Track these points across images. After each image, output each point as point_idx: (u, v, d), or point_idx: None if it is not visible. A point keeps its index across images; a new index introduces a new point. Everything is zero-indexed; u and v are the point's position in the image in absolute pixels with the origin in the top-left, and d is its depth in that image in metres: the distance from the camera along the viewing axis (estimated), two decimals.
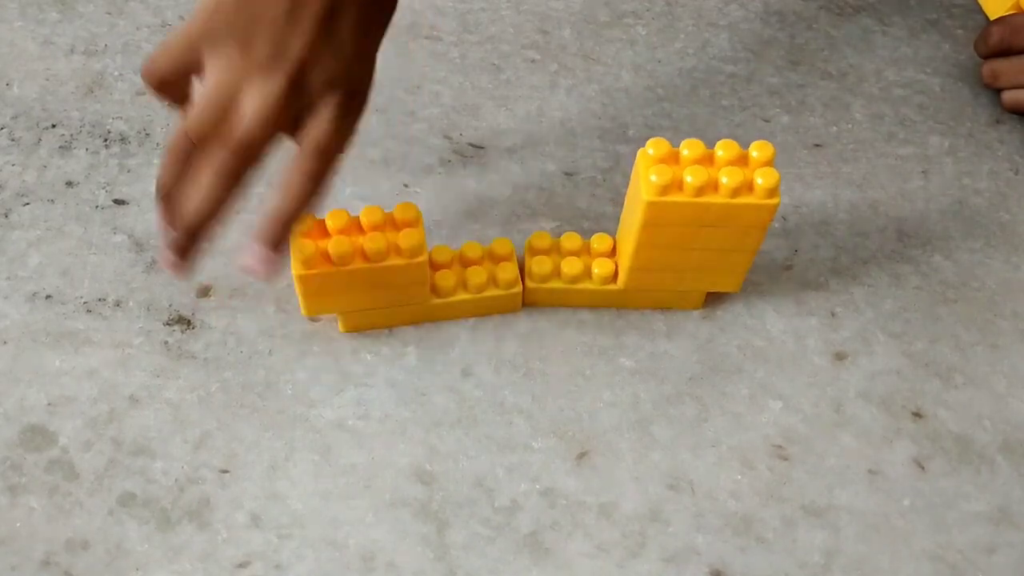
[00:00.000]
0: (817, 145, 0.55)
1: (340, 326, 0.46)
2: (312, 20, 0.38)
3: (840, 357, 0.46)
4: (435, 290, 0.45)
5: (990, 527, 0.41)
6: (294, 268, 0.41)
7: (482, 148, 0.54)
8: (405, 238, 0.41)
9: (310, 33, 0.38)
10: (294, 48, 0.38)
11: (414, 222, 0.42)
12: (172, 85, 0.39)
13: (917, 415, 0.44)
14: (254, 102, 0.37)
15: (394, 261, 0.41)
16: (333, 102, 0.39)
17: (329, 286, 0.42)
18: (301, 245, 0.41)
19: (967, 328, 0.47)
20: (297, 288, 0.42)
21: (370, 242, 0.41)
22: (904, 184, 0.54)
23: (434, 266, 0.46)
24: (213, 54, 0.38)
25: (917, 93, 0.58)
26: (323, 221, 0.41)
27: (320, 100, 0.38)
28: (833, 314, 0.48)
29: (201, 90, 0.38)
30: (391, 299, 0.44)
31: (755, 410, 0.44)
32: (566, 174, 0.53)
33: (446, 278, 0.45)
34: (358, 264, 0.41)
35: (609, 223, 0.51)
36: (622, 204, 0.51)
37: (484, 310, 0.47)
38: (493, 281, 0.45)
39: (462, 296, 0.45)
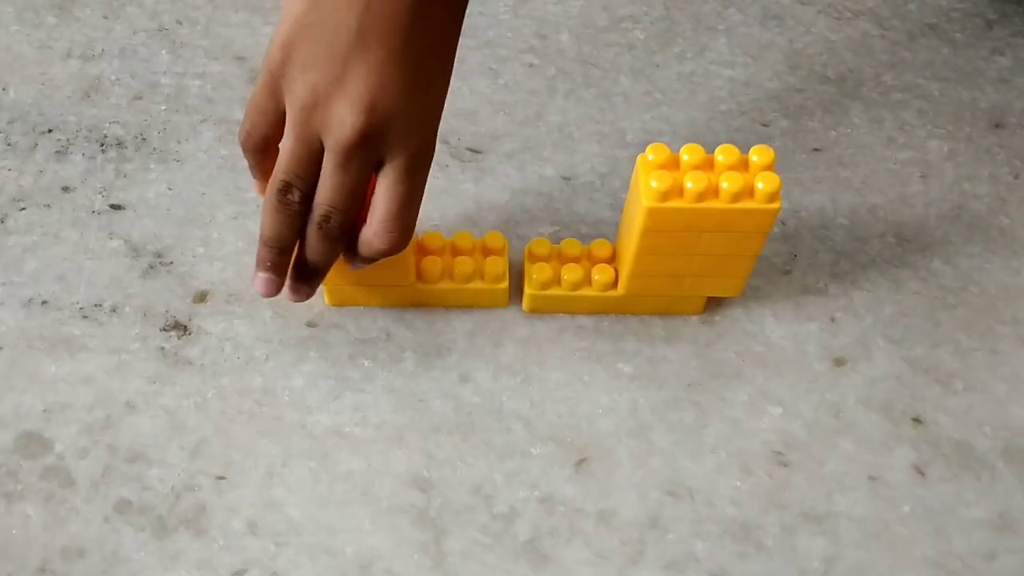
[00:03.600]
0: (816, 149, 0.55)
1: (325, 298, 0.46)
2: (380, 51, 0.36)
3: (840, 363, 0.46)
4: (420, 275, 0.45)
5: (990, 533, 0.41)
6: None
7: (480, 152, 0.54)
8: None
9: (377, 65, 0.36)
10: (362, 84, 0.36)
11: None
12: (270, 143, 0.39)
13: (917, 421, 0.44)
14: (332, 174, 0.38)
15: None
16: (402, 151, 0.38)
17: None
18: None
19: (967, 333, 0.47)
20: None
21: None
22: (903, 189, 0.53)
23: (424, 251, 0.46)
24: (289, 92, 0.37)
25: (916, 98, 0.58)
26: None
27: (391, 147, 0.38)
28: (832, 319, 0.48)
29: (285, 138, 0.38)
30: (375, 275, 0.44)
31: (754, 416, 0.44)
32: (564, 179, 0.53)
33: (433, 264, 0.45)
34: None
35: (607, 228, 0.50)
36: (620, 209, 0.51)
37: (469, 302, 0.46)
38: (480, 274, 0.45)
39: (447, 284, 0.45)
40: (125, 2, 0.61)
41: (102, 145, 0.53)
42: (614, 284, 0.45)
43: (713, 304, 0.47)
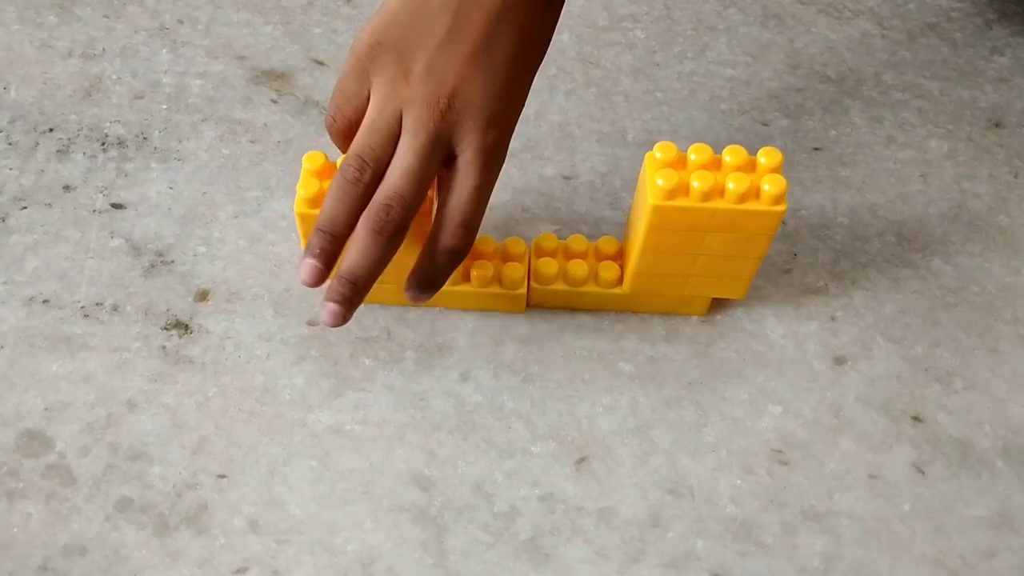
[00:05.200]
0: (816, 149, 0.55)
1: None
2: (468, 46, 0.38)
3: (840, 361, 0.46)
4: None
5: (990, 532, 0.41)
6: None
7: None
8: None
9: (464, 58, 0.38)
10: (447, 73, 0.38)
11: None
12: (355, 128, 0.39)
13: (917, 419, 0.44)
14: (404, 156, 0.38)
15: None
16: (475, 144, 0.38)
17: None
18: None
19: (967, 332, 0.47)
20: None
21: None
22: (903, 188, 0.53)
23: None
24: (377, 76, 0.39)
25: (916, 97, 0.58)
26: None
27: (464, 140, 0.38)
28: (833, 318, 0.48)
29: (367, 115, 0.39)
30: (393, 269, 0.44)
31: (755, 415, 0.44)
32: (565, 178, 0.53)
33: None
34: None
35: (608, 227, 0.50)
36: (621, 208, 0.51)
37: (487, 305, 0.46)
38: (499, 279, 0.45)
39: (465, 288, 0.45)
40: (126, 1, 0.61)
41: (103, 144, 0.53)
42: (619, 281, 0.46)
43: (714, 303, 0.47)
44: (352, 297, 0.38)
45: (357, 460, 0.42)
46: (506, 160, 0.53)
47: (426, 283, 0.40)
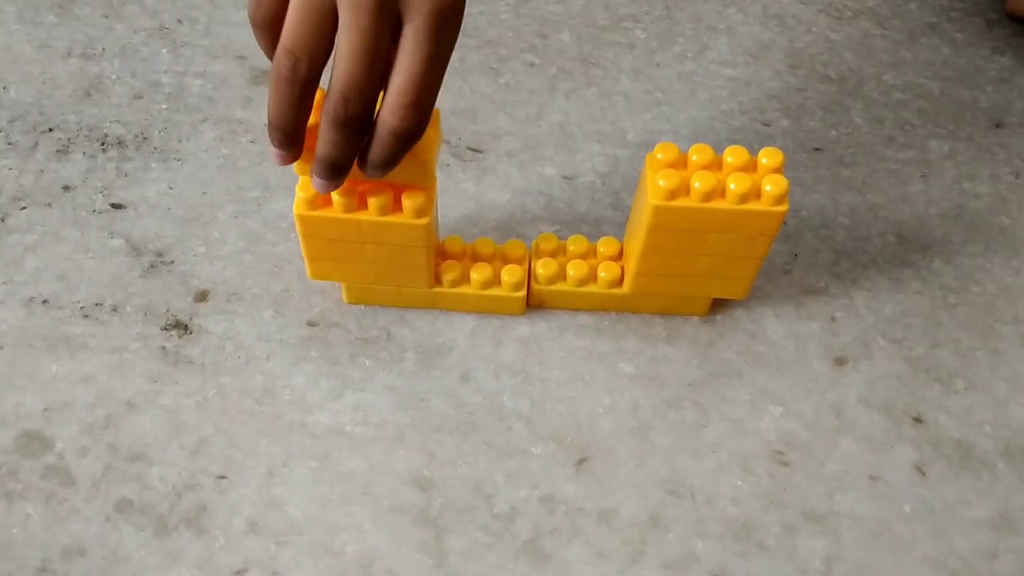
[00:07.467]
0: (817, 149, 0.55)
1: (344, 296, 0.46)
2: None
3: (840, 362, 0.46)
4: (439, 279, 0.45)
5: (991, 533, 0.41)
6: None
7: (481, 152, 0.54)
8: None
9: None
10: None
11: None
12: (279, 11, 0.34)
13: (918, 420, 0.44)
14: (349, 36, 0.33)
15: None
16: (427, 7, 0.33)
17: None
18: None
19: (968, 333, 0.47)
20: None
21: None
22: (904, 188, 0.53)
23: (443, 255, 0.46)
24: None
25: (917, 97, 0.58)
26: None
27: (413, 4, 0.33)
28: (833, 319, 0.48)
29: (291, 4, 0.34)
30: (393, 272, 0.44)
31: (755, 415, 0.44)
32: (565, 178, 0.53)
33: (452, 269, 0.45)
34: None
35: (608, 227, 0.50)
36: (621, 208, 0.51)
37: (486, 308, 0.46)
38: (498, 281, 0.45)
39: (464, 290, 0.45)
40: (125, 1, 0.61)
41: (103, 144, 0.53)
42: (620, 282, 0.45)
43: (714, 303, 0.47)
44: (336, 177, 0.37)
45: (357, 461, 0.42)
46: (506, 160, 0.53)
47: (375, 166, 0.37)
